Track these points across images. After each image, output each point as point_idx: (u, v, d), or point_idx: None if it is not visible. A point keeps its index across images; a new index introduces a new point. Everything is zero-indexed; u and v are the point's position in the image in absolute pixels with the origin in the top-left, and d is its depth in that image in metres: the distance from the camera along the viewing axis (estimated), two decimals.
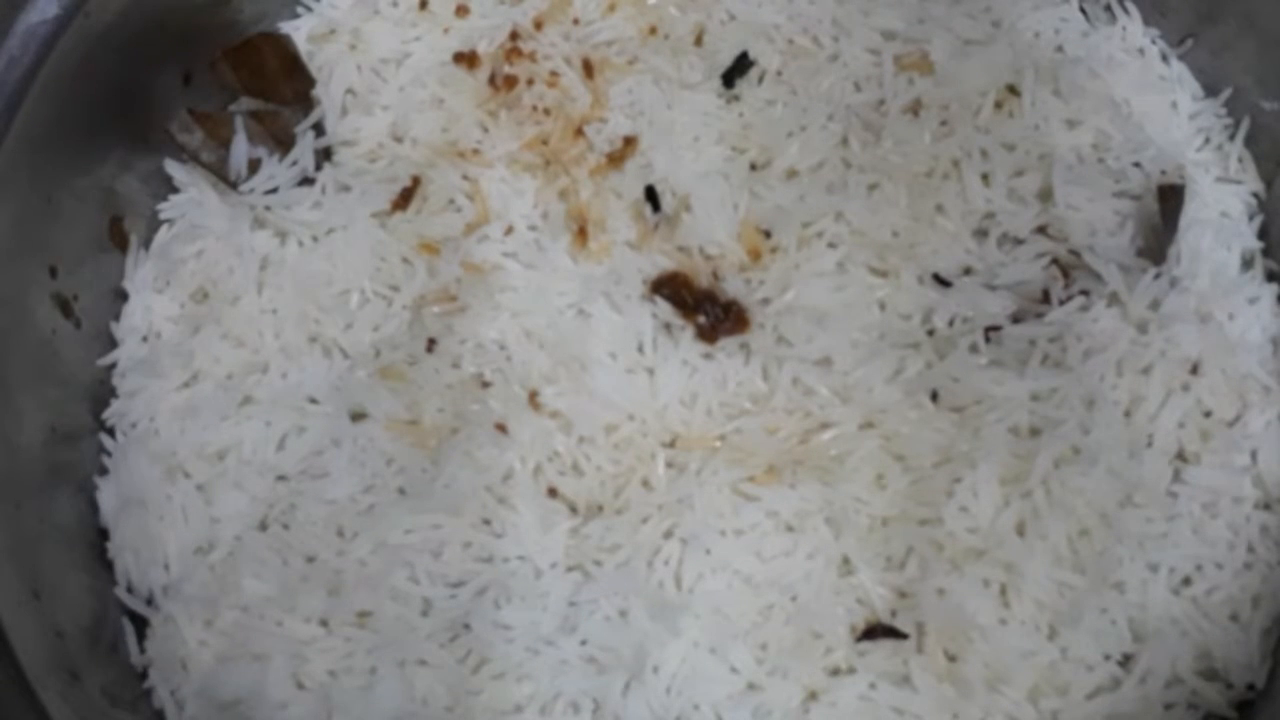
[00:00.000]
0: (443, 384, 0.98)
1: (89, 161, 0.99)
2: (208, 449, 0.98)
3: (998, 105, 1.06)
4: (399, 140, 1.07)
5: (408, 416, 0.98)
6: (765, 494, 0.94)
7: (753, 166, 1.05)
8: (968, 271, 1.01)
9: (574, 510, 0.95)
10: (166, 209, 1.06)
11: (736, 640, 0.91)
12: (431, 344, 0.99)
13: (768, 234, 1.02)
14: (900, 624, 0.91)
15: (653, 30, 1.11)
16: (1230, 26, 1.06)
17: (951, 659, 0.90)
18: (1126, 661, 0.91)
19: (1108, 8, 1.12)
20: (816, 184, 1.04)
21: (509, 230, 1.02)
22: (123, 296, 1.03)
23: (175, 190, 1.07)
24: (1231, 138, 1.06)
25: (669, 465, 0.96)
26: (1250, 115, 1.06)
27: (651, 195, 1.02)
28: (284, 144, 1.06)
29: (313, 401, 0.99)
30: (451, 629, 0.92)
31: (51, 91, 0.92)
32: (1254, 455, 0.95)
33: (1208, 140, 1.07)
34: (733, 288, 1.00)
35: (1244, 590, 0.93)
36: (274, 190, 1.06)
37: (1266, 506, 0.95)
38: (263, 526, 0.96)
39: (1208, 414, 0.96)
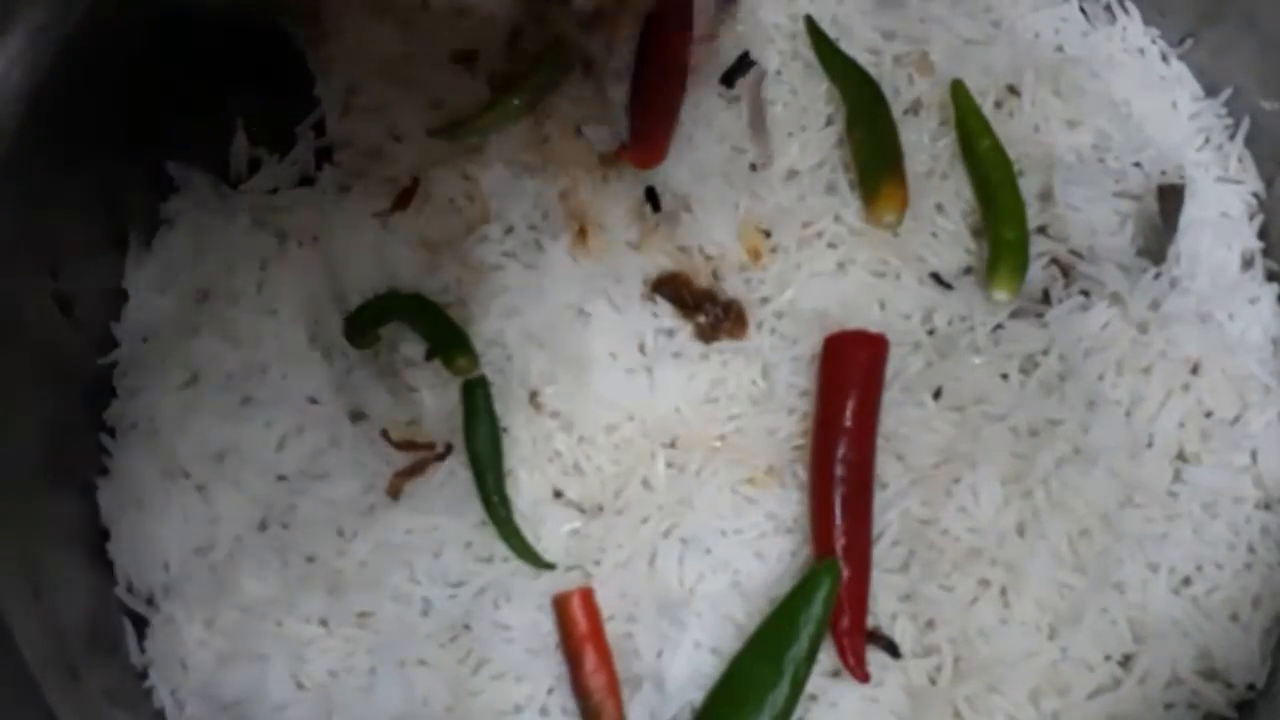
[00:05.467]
0: (443, 384, 0.98)
1: (89, 161, 0.99)
2: (208, 449, 0.98)
3: (998, 105, 1.06)
4: (399, 140, 1.07)
5: (408, 417, 0.98)
6: (765, 495, 0.95)
7: (753, 166, 1.04)
8: (968, 271, 1.01)
9: (574, 510, 0.95)
10: (166, 209, 1.06)
11: (737, 641, 0.91)
12: None
13: (768, 234, 1.02)
14: (901, 624, 0.91)
15: None
16: (1230, 26, 1.06)
17: (953, 659, 0.91)
18: (1127, 661, 0.91)
19: (1108, 8, 1.12)
20: (816, 184, 1.04)
21: (509, 230, 1.02)
22: (123, 296, 1.03)
23: (175, 190, 1.07)
24: (1231, 138, 1.06)
25: (669, 465, 0.96)
26: (1250, 115, 1.06)
27: (651, 195, 1.02)
28: (284, 144, 1.06)
29: (313, 401, 0.99)
30: (451, 629, 0.93)
31: (52, 92, 0.92)
32: (1254, 455, 0.95)
33: (1208, 140, 1.07)
34: (733, 288, 1.00)
35: (1244, 590, 0.93)
36: (274, 190, 1.06)
37: (1266, 506, 0.95)
38: (263, 526, 0.96)
39: (1208, 414, 0.96)
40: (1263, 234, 1.04)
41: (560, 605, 0.90)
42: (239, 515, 0.96)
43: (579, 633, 0.89)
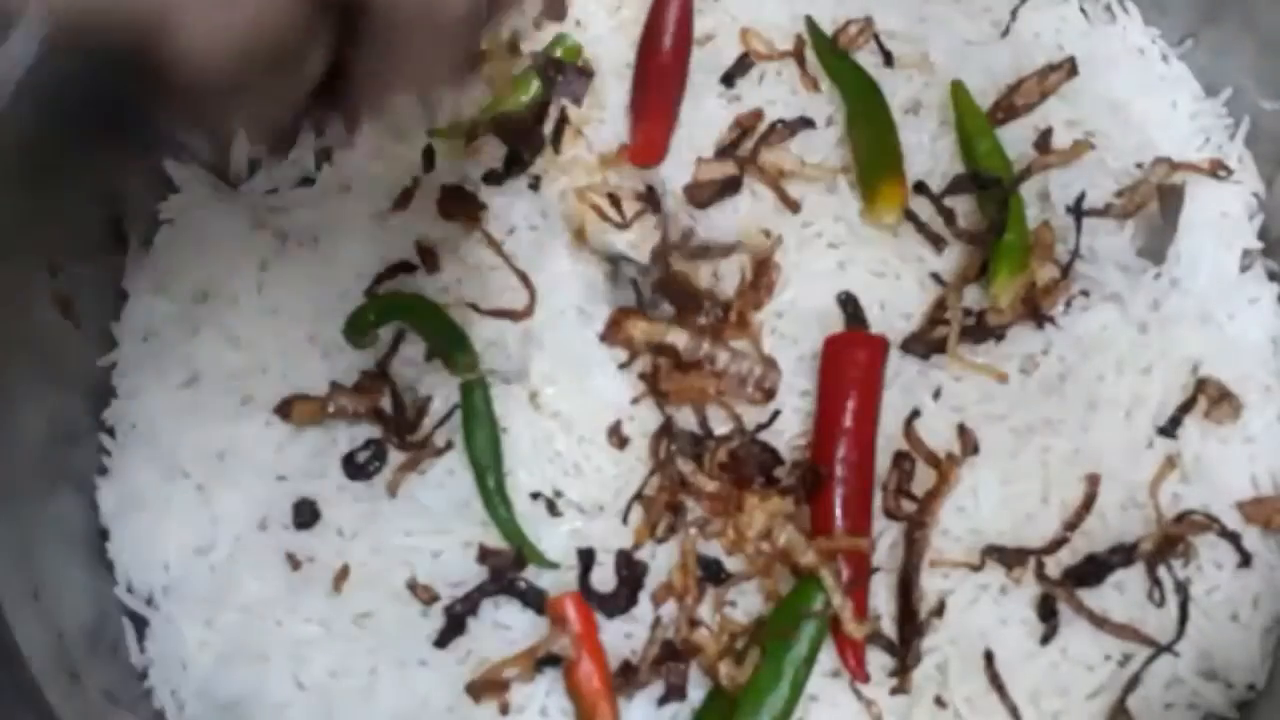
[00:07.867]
0: (443, 384, 0.98)
1: (89, 161, 0.99)
2: (208, 449, 0.98)
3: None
4: (399, 140, 1.07)
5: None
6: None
7: None
8: None
9: (574, 510, 0.95)
10: (166, 209, 1.06)
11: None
12: None
13: (768, 233, 1.02)
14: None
15: None
16: (1230, 26, 1.06)
17: (953, 659, 0.90)
18: (1126, 661, 0.91)
19: (1108, 8, 1.12)
20: (816, 184, 1.04)
21: (509, 230, 1.02)
22: (123, 296, 1.03)
23: (175, 190, 1.06)
24: (1231, 138, 1.06)
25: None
26: (1250, 115, 1.06)
27: (651, 195, 1.02)
28: (284, 144, 1.06)
29: None
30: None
31: (52, 90, 0.92)
32: (1254, 455, 0.95)
33: (1208, 140, 1.07)
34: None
35: (1244, 590, 0.93)
36: (274, 190, 1.06)
37: None
38: (263, 526, 0.96)
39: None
40: (1263, 234, 1.04)
41: (553, 608, 0.90)
42: (239, 515, 0.96)
43: (572, 634, 0.89)
